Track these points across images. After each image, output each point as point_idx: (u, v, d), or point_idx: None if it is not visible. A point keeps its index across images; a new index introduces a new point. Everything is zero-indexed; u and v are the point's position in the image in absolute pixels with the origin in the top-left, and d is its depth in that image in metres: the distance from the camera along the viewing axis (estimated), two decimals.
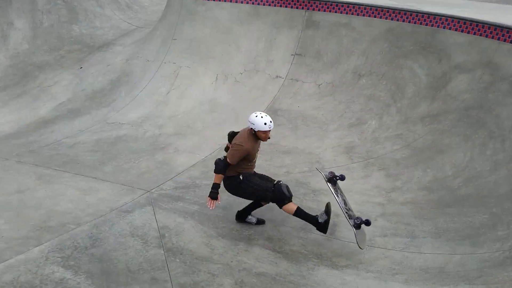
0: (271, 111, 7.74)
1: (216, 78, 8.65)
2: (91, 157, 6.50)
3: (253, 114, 4.30)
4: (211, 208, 4.35)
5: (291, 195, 4.43)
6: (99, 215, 4.77)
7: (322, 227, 4.33)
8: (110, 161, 6.33)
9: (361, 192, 5.49)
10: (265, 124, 4.24)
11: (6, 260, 3.85)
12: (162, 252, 4.15)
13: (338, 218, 4.87)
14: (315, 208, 5.04)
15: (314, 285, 3.75)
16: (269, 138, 4.37)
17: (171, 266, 3.94)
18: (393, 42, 7.75)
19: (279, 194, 4.37)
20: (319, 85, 7.93)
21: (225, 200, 5.22)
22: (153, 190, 5.45)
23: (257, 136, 4.35)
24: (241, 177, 4.42)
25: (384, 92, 7.36)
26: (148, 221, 4.70)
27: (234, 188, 4.49)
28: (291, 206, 4.39)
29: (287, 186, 4.46)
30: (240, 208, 4.84)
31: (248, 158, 4.37)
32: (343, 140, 6.79)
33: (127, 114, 8.22)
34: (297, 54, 8.44)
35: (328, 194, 5.36)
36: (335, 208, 4.61)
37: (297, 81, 8.14)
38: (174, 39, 9.47)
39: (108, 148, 6.85)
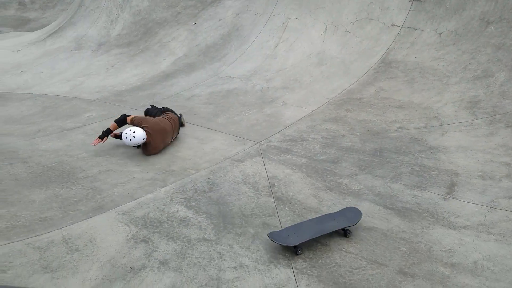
0: (384, 62, 7.29)
1: (325, 29, 8.36)
2: (206, 109, 6.92)
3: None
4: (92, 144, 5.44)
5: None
6: (215, 163, 5.13)
7: None
8: (222, 113, 6.68)
9: (485, 151, 4.99)
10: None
11: (138, 198, 4.39)
12: (272, 200, 4.34)
13: (458, 177, 4.52)
14: (431, 167, 4.74)
15: (429, 244, 3.60)
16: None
17: (281, 213, 4.11)
18: None
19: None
20: (440, 33, 7.18)
21: (333, 155, 5.19)
22: (262, 142, 5.64)
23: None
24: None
25: None
26: (258, 170, 4.92)
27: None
28: None
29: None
30: None
31: None
32: (466, 94, 6.15)
33: (237, 68, 8.48)
34: (415, 0, 7.68)
35: (446, 152, 5.00)
36: None
37: (415, 29, 7.47)
38: None
39: (220, 101, 7.21)
